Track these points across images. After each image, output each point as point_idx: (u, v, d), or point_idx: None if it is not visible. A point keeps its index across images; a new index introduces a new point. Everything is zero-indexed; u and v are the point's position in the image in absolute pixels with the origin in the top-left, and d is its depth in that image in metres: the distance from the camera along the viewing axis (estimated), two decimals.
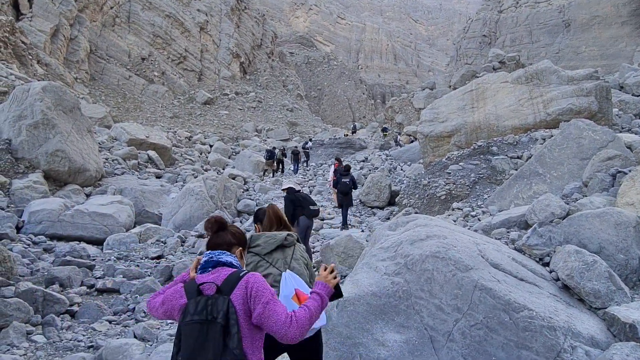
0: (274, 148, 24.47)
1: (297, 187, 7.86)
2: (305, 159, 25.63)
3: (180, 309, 2.11)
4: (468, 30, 68.28)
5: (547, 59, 14.98)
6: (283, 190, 7.83)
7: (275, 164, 22.99)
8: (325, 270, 2.27)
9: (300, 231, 7.59)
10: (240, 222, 12.77)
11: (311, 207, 7.51)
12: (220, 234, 2.27)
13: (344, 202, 11.41)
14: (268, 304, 2.04)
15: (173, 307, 2.17)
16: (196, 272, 2.25)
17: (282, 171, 23.59)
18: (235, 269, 2.16)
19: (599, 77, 12.99)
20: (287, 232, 3.06)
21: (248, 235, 2.79)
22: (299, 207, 7.48)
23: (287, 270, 2.80)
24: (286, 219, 3.28)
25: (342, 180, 11.35)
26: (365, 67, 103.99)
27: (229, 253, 2.23)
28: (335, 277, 2.25)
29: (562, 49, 55.10)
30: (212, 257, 2.19)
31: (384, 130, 34.13)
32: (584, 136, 8.46)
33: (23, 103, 13.36)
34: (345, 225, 11.38)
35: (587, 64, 45.80)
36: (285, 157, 24.76)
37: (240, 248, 2.30)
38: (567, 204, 5.81)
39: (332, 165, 14.19)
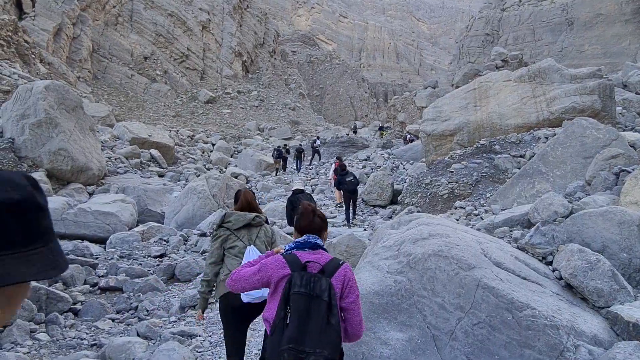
0: (279, 146, 24.68)
1: (302, 187, 8.23)
2: (318, 156, 25.76)
3: (283, 278, 2.29)
4: (471, 28, 68.12)
5: (550, 57, 14.94)
6: (292, 191, 8.27)
7: (282, 162, 23.05)
8: None
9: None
10: None
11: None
12: (315, 220, 2.49)
13: (353, 199, 11.75)
14: (358, 297, 2.34)
15: (272, 275, 2.33)
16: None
17: (285, 169, 23.55)
18: (333, 256, 2.43)
19: (602, 76, 12.95)
20: (255, 214, 3.57)
21: (223, 212, 3.48)
22: (296, 207, 7.76)
23: (251, 245, 3.39)
24: (256, 204, 3.76)
25: (348, 179, 11.57)
26: (367, 65, 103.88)
27: (319, 237, 2.48)
28: None
29: (565, 47, 54.93)
30: (309, 239, 2.43)
31: (381, 129, 34.65)
32: (587, 135, 8.43)
33: (26, 102, 13.39)
34: (353, 219, 11.78)
35: (590, 62, 45.63)
36: (289, 154, 24.76)
37: (326, 231, 2.58)
38: (570, 202, 5.80)
39: (333, 164, 14.42)
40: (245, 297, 3.17)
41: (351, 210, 11.90)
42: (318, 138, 28.89)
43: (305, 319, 2.16)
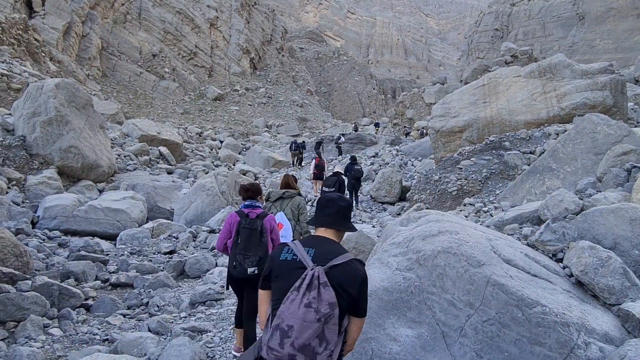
0: (304, 142, 26.47)
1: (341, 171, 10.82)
2: (340, 152, 26.39)
3: (235, 222, 4.11)
4: (480, 23, 67.60)
5: (560, 53, 14.79)
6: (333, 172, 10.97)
7: (301, 155, 23.65)
8: None
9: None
10: None
11: (324, 189, 10.18)
12: (249, 193, 4.24)
13: (355, 187, 13.02)
14: (277, 229, 4.28)
15: (231, 222, 4.12)
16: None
17: (300, 163, 23.73)
18: (263, 210, 4.22)
19: (613, 71, 12.79)
20: (285, 190, 5.24)
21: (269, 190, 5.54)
22: (341, 184, 10.38)
23: (281, 211, 5.07)
24: (293, 184, 5.46)
25: (355, 167, 12.98)
26: (375, 61, 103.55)
27: (256, 201, 4.25)
28: None
29: (576, 42, 54.32)
30: (251, 203, 4.19)
31: (377, 125, 37.68)
32: (599, 131, 8.35)
33: (37, 100, 13.53)
34: (356, 207, 12.97)
35: (601, 57, 45.11)
36: (304, 149, 25.40)
37: (260, 195, 4.35)
38: (581, 199, 5.75)
39: (313, 160, 15.56)
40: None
41: (354, 199, 13.17)
42: (343, 135, 29.50)
43: (248, 241, 3.97)
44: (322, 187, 10.25)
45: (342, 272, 2.06)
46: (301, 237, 5.08)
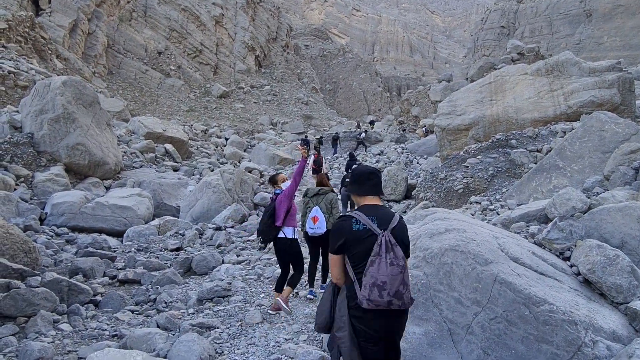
0: (321, 137, 28.01)
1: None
2: (364, 147, 27.06)
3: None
4: (486, 21, 67.24)
5: (567, 50, 14.69)
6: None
7: (308, 150, 24.10)
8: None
9: (342, 198, 11.05)
10: (257, 215, 12.86)
11: (347, 181, 10.44)
12: (271, 182, 5.86)
13: None
14: (289, 190, 5.49)
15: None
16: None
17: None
18: (280, 193, 5.52)
19: (621, 69, 12.71)
20: (320, 188, 6.20)
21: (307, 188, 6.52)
22: (343, 182, 11.12)
23: (316, 206, 5.92)
24: (326, 182, 6.41)
25: (356, 164, 13.72)
26: (380, 59, 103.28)
27: (277, 187, 5.68)
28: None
29: (583, 39, 53.91)
30: (275, 191, 5.66)
31: (372, 123, 38.88)
32: (606, 129, 8.31)
33: (44, 97, 13.62)
34: None
35: (609, 54, 44.78)
36: (322, 145, 25.84)
37: (275, 183, 5.79)
38: (589, 198, 5.74)
39: (312, 156, 17.00)
40: (310, 230, 5.85)
41: None
42: (366, 132, 30.37)
43: (263, 217, 5.46)
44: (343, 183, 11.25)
45: (399, 230, 2.70)
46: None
